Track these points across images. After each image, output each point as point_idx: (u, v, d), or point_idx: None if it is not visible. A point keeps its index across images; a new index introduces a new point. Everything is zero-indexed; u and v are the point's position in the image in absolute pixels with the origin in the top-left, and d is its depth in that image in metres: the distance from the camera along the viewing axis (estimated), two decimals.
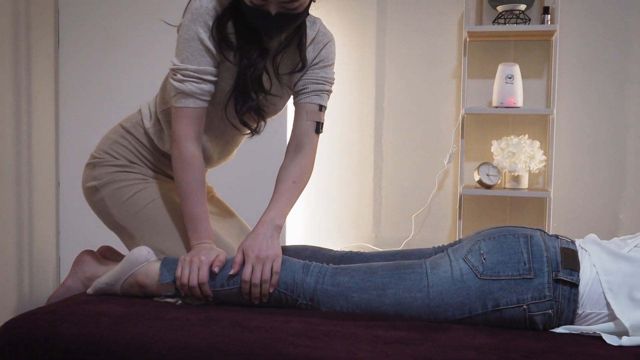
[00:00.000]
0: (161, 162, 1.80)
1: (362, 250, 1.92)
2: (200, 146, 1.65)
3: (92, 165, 1.79)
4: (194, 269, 1.52)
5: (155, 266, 1.59)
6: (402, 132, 3.16)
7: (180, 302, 1.58)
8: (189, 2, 1.59)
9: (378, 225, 3.20)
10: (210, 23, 1.56)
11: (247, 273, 1.52)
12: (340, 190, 3.20)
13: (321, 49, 1.71)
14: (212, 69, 1.59)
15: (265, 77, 1.66)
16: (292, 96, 1.79)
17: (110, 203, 1.75)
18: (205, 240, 1.61)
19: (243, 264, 1.55)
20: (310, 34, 1.69)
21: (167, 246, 1.70)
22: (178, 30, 1.61)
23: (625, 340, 1.33)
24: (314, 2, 1.58)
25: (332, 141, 3.17)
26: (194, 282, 1.52)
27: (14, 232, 2.84)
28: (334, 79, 1.76)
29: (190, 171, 1.62)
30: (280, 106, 1.79)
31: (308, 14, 1.60)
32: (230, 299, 1.56)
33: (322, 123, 1.74)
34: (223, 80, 1.64)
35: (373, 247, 3.14)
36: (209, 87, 1.60)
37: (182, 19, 1.60)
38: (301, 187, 1.73)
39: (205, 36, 1.56)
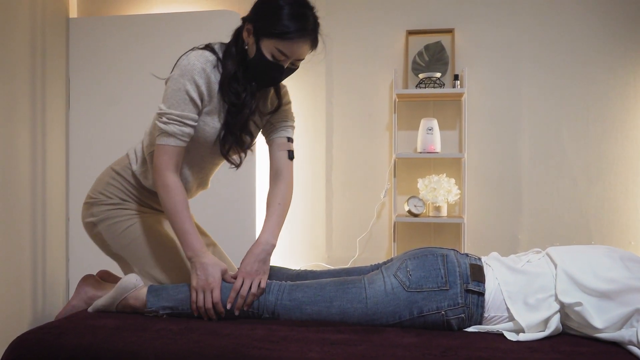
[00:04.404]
0: (148, 198, 1.74)
1: (317, 268, 1.91)
2: (179, 175, 1.58)
3: (89, 204, 1.72)
4: (208, 294, 1.48)
5: (143, 291, 1.55)
6: (348, 172, 3.17)
7: (165, 315, 1.53)
8: (179, 59, 1.55)
9: (330, 247, 3.19)
10: (197, 77, 1.51)
11: (237, 285, 1.50)
12: (299, 219, 3.19)
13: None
14: (193, 116, 1.53)
15: (252, 123, 1.65)
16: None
17: (106, 236, 1.69)
18: (200, 251, 1.52)
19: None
20: None
21: (153, 270, 1.66)
22: (166, 82, 1.56)
23: (522, 336, 1.34)
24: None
25: (294, 180, 3.16)
26: (209, 304, 1.47)
27: (30, 259, 2.75)
28: (293, 115, 1.76)
29: (174, 194, 1.54)
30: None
31: None
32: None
33: (293, 151, 1.74)
34: (210, 125, 1.58)
35: (326, 265, 3.12)
36: (188, 130, 1.54)
37: (170, 73, 1.56)
38: (286, 206, 1.71)
39: (191, 89, 1.51)
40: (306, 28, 1.48)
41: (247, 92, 1.57)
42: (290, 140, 1.73)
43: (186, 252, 1.54)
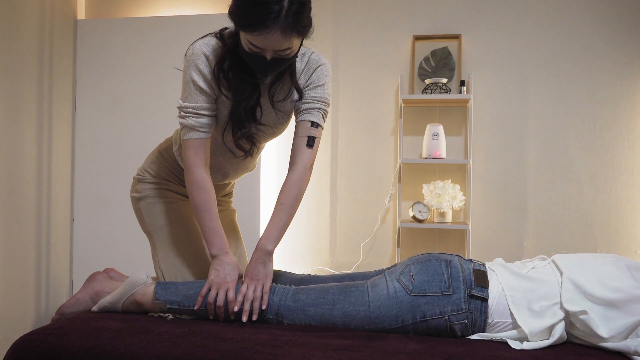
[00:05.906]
0: None
1: (320, 273, 1.90)
2: (208, 170, 1.57)
3: (136, 180, 1.77)
4: (222, 292, 1.48)
5: (151, 287, 1.56)
6: (352, 177, 3.17)
7: (171, 317, 1.53)
8: (187, 50, 1.52)
9: (334, 252, 3.18)
10: (201, 66, 1.48)
11: (243, 288, 1.50)
12: (303, 224, 3.18)
13: (311, 74, 1.57)
14: (207, 105, 1.51)
15: (257, 109, 1.55)
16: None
17: (144, 212, 1.73)
18: (224, 250, 1.53)
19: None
20: (300, 64, 1.57)
21: (176, 259, 1.68)
22: None
23: (526, 345, 1.33)
24: (302, 45, 1.47)
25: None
26: (221, 302, 1.47)
27: (34, 260, 2.76)
28: (326, 98, 1.59)
29: (203, 192, 1.54)
30: (277, 131, 1.66)
31: (297, 54, 1.46)
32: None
33: (314, 137, 1.57)
34: (224, 111, 1.55)
35: (330, 270, 3.11)
36: (206, 120, 1.51)
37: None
38: (290, 206, 1.57)
39: (197, 78, 1.48)
40: (275, 17, 1.31)
41: (238, 80, 1.49)
42: (314, 125, 1.57)
43: (210, 250, 1.55)
